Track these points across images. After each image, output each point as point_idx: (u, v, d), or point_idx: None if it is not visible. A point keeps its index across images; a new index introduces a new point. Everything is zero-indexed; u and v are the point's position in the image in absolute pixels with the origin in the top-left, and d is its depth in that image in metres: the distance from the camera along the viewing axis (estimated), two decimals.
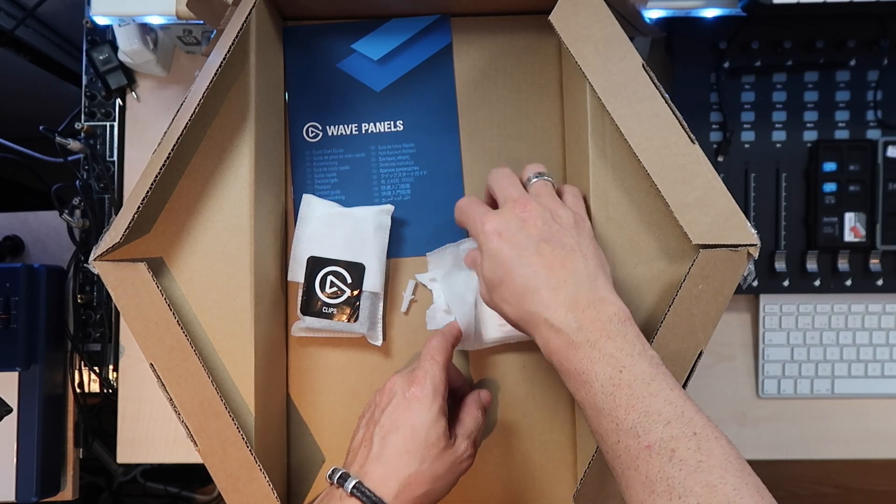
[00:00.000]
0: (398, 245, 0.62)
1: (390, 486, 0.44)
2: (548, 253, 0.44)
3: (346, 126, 0.63)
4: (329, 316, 0.58)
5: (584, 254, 0.44)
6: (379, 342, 0.60)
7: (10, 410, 0.67)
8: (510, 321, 0.46)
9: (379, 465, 0.45)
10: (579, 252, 0.44)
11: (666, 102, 0.47)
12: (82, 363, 0.72)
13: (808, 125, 0.66)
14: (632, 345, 0.40)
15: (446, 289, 0.58)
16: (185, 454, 0.68)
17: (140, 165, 0.61)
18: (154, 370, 0.49)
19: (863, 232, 0.65)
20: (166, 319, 0.49)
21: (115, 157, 0.72)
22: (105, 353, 0.72)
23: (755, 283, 0.67)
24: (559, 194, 0.50)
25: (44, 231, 0.76)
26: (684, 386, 0.47)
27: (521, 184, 0.50)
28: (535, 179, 0.50)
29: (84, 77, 0.72)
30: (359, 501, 0.43)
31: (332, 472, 0.46)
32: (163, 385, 0.50)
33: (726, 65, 0.66)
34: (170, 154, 0.48)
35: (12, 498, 0.68)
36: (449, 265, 0.59)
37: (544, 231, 0.45)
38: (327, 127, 0.63)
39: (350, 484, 0.44)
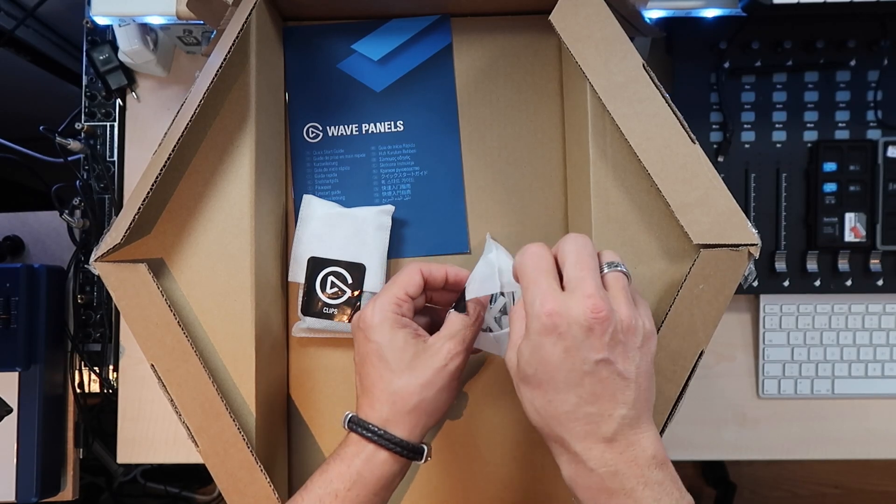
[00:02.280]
0: (399, 245, 0.62)
1: (379, 409, 0.44)
2: (603, 378, 0.38)
3: (346, 126, 0.63)
4: (330, 316, 0.58)
5: (639, 385, 0.39)
6: None
7: (10, 410, 0.67)
8: (529, 418, 0.42)
9: (364, 397, 0.46)
10: (635, 384, 0.39)
11: (666, 102, 0.47)
12: (82, 363, 0.72)
13: (809, 125, 0.66)
14: (669, 494, 0.38)
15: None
16: (186, 454, 0.68)
17: (140, 165, 0.61)
18: (155, 371, 0.49)
19: (863, 232, 0.65)
20: (167, 320, 0.49)
21: (116, 158, 0.72)
22: (105, 354, 0.72)
23: (755, 283, 0.66)
24: None
25: (44, 231, 0.76)
26: (685, 386, 0.47)
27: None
28: (609, 270, 0.42)
29: (84, 77, 0.72)
30: (354, 434, 0.45)
31: (344, 417, 0.47)
32: (164, 386, 0.50)
33: (726, 65, 0.66)
34: (170, 155, 0.48)
35: (12, 498, 0.68)
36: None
37: (609, 348, 0.38)
38: (327, 127, 0.63)
39: (346, 419, 0.46)
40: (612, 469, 0.38)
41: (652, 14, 0.57)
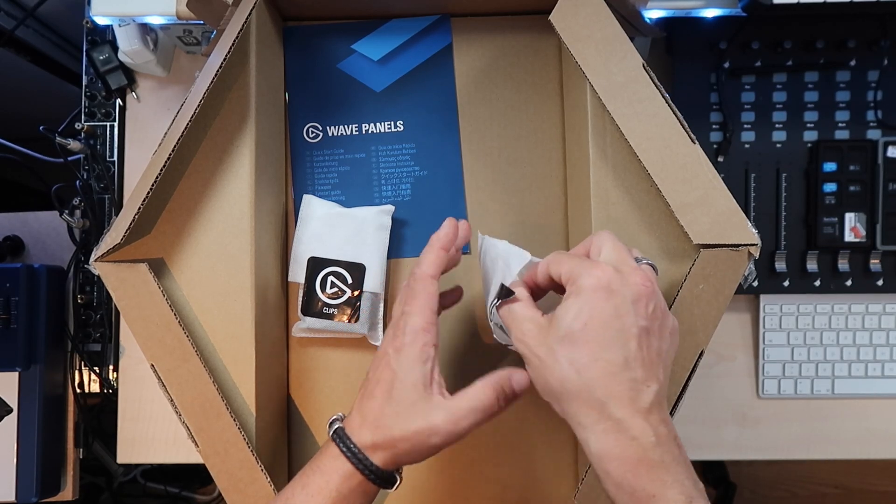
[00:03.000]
0: (399, 245, 0.62)
1: (366, 433, 0.42)
2: (644, 346, 0.38)
3: (346, 126, 0.63)
4: (330, 316, 0.58)
5: (665, 368, 0.40)
6: (379, 342, 0.60)
7: (10, 410, 0.67)
8: (557, 387, 0.39)
9: (359, 414, 0.43)
10: (664, 365, 0.39)
11: (666, 102, 0.47)
12: (82, 363, 0.72)
13: (809, 125, 0.66)
14: (692, 473, 0.38)
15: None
16: (186, 454, 0.68)
17: (140, 165, 0.61)
18: (155, 371, 0.49)
19: (863, 232, 0.65)
20: (167, 320, 0.49)
21: (116, 158, 0.72)
22: (105, 354, 0.72)
23: (755, 283, 0.66)
24: None
25: (44, 231, 0.76)
26: (685, 386, 0.47)
27: None
28: (645, 261, 0.43)
29: (84, 77, 0.72)
30: (336, 448, 0.43)
31: (331, 421, 0.45)
32: (164, 386, 0.50)
33: (726, 65, 0.66)
34: (170, 155, 0.48)
35: (12, 498, 0.68)
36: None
37: (651, 320, 0.39)
38: (327, 127, 0.63)
39: (332, 428, 0.44)
40: (653, 440, 0.37)
41: (652, 14, 0.57)
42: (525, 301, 0.43)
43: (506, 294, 0.44)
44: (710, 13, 0.58)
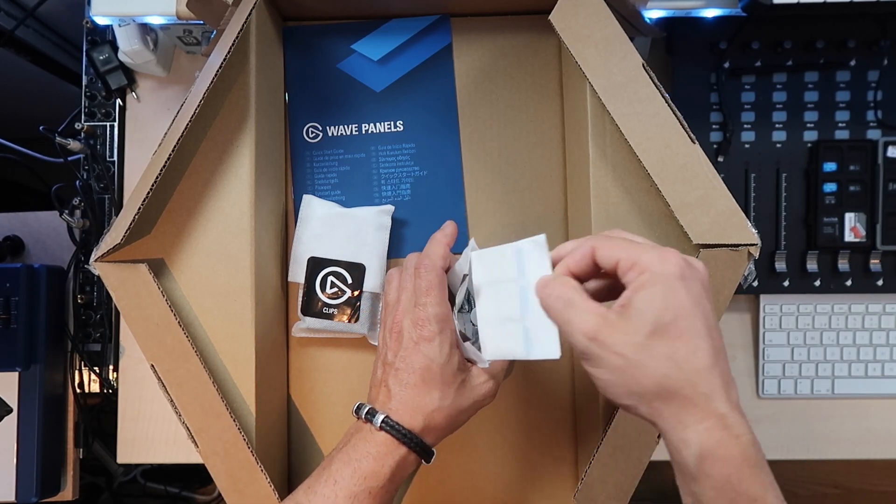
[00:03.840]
0: (399, 245, 0.62)
1: (417, 419, 0.45)
2: (716, 337, 0.36)
3: (346, 126, 0.63)
4: (329, 316, 0.58)
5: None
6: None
7: (10, 410, 0.67)
8: (645, 389, 0.35)
9: (401, 403, 0.45)
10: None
11: (666, 102, 0.47)
12: (82, 363, 0.72)
13: (809, 125, 0.66)
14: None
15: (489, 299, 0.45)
16: (186, 454, 0.68)
17: (140, 165, 0.61)
18: (155, 371, 0.49)
19: (863, 232, 0.65)
20: (167, 320, 0.49)
21: (116, 158, 0.72)
22: (105, 354, 0.72)
23: (755, 283, 0.66)
24: None
25: (44, 231, 0.76)
26: None
27: None
28: None
29: (84, 77, 0.72)
30: (388, 435, 0.44)
31: (359, 407, 0.47)
32: (164, 386, 0.50)
33: (726, 65, 0.66)
34: (170, 155, 0.48)
35: (12, 498, 0.68)
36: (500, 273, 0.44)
37: (713, 316, 0.37)
38: (327, 127, 0.63)
39: (379, 419, 0.45)
40: (751, 437, 0.35)
41: (652, 14, 0.57)
42: (581, 291, 0.38)
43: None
44: (710, 13, 0.58)
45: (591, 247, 0.38)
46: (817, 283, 0.66)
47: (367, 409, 0.46)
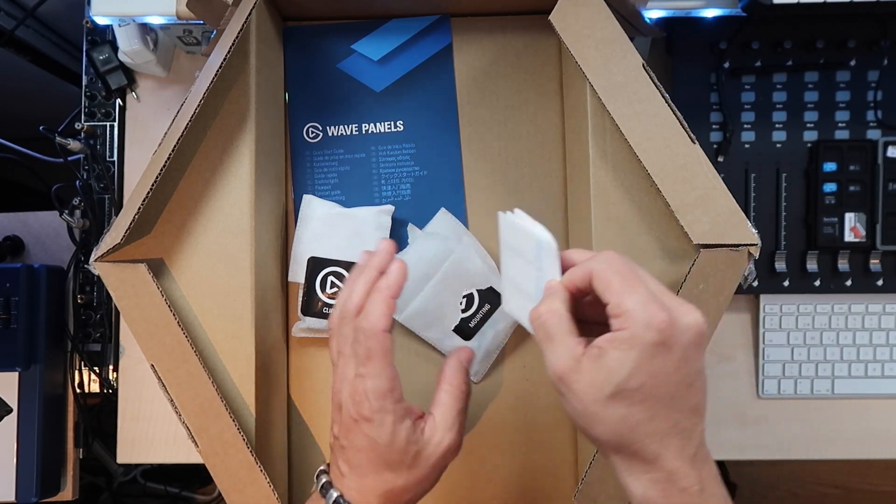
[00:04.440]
0: (398, 245, 0.62)
1: (372, 501, 0.42)
2: (697, 390, 0.36)
3: (346, 126, 0.63)
4: (329, 316, 0.58)
5: (706, 392, 0.38)
6: None
7: (10, 410, 0.67)
8: (604, 438, 0.37)
9: (354, 484, 0.42)
10: (705, 392, 0.38)
11: (666, 102, 0.47)
12: (82, 363, 0.72)
13: (809, 125, 0.66)
14: None
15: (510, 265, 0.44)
16: (186, 454, 0.68)
17: (140, 165, 0.61)
18: (155, 371, 0.49)
19: (863, 232, 0.65)
20: (167, 320, 0.49)
21: (116, 157, 0.72)
22: (105, 354, 0.72)
23: (755, 283, 0.66)
24: None
25: (44, 231, 0.76)
26: None
27: None
28: None
29: (84, 77, 0.72)
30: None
31: (319, 474, 0.45)
32: (164, 386, 0.50)
33: (726, 65, 0.66)
34: (170, 155, 0.48)
35: (12, 498, 0.67)
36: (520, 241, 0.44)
37: (695, 374, 0.36)
38: (327, 127, 0.63)
39: (332, 497, 0.42)
40: (698, 488, 0.36)
41: (652, 14, 0.57)
42: (567, 321, 0.38)
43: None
44: (710, 13, 0.58)
45: (588, 273, 0.38)
46: (817, 283, 0.66)
47: (323, 481, 0.44)
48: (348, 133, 0.63)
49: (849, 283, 0.66)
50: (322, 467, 0.45)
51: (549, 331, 0.38)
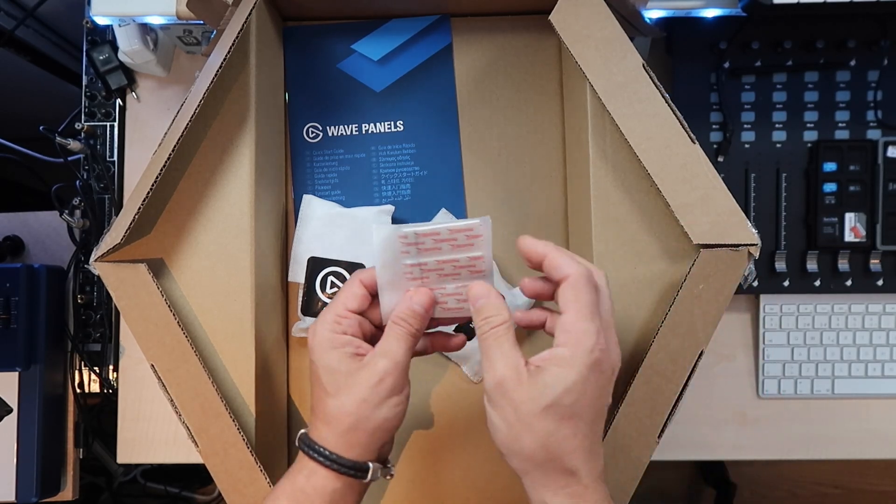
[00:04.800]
0: None
1: (320, 429, 0.43)
2: (604, 414, 0.42)
3: (346, 126, 0.63)
4: None
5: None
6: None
7: (10, 410, 0.67)
8: (517, 450, 0.40)
9: (312, 415, 0.45)
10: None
11: (666, 102, 0.47)
12: (82, 363, 0.72)
13: (809, 125, 0.66)
14: None
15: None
16: (186, 454, 0.68)
17: (140, 165, 0.61)
18: (155, 371, 0.49)
19: (863, 232, 0.65)
20: (167, 320, 0.49)
21: (116, 158, 0.72)
22: (105, 354, 0.72)
23: (755, 283, 0.66)
24: None
25: (44, 231, 0.76)
26: (684, 386, 0.47)
27: None
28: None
29: (84, 77, 0.72)
30: (301, 451, 0.44)
31: (298, 435, 0.46)
32: (164, 386, 0.50)
33: (726, 65, 0.66)
34: (170, 155, 0.48)
35: (12, 498, 0.68)
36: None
37: (609, 397, 0.42)
38: (327, 127, 0.63)
39: (297, 438, 0.45)
40: (607, 502, 0.40)
41: (652, 14, 0.57)
42: (513, 333, 0.41)
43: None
44: (710, 13, 0.58)
45: (546, 254, 0.41)
46: (817, 283, 0.66)
47: (300, 432, 0.46)
48: (348, 133, 0.63)
49: (849, 283, 0.66)
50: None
51: (498, 338, 0.41)
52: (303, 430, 0.45)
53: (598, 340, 0.39)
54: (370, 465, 0.43)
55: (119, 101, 0.72)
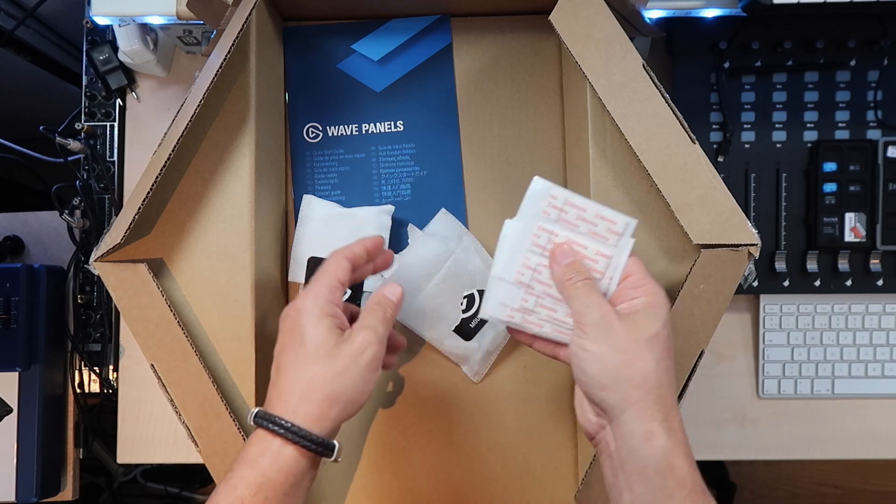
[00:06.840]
0: (399, 245, 0.62)
1: (287, 399, 0.42)
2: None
3: (346, 126, 0.63)
4: None
5: None
6: None
7: (10, 410, 0.67)
8: (628, 377, 0.41)
9: (275, 388, 0.44)
10: None
11: (666, 102, 0.47)
12: (82, 363, 0.72)
13: (809, 125, 0.66)
14: None
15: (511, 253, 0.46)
16: (186, 454, 0.68)
17: (140, 165, 0.61)
18: (155, 371, 0.49)
19: (863, 232, 0.65)
20: (167, 320, 0.49)
21: (116, 158, 0.72)
22: (105, 354, 0.72)
23: (755, 283, 0.66)
24: None
25: (44, 231, 0.76)
26: (684, 386, 0.47)
27: None
28: None
29: (84, 77, 0.72)
30: (260, 430, 0.42)
31: (250, 413, 0.44)
32: (163, 386, 0.50)
33: (726, 65, 0.66)
34: (170, 155, 0.48)
35: (12, 498, 0.68)
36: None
37: None
38: (327, 127, 0.63)
39: (251, 416, 0.43)
40: (686, 437, 0.41)
41: (652, 14, 0.57)
42: (596, 286, 0.44)
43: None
44: (710, 13, 0.58)
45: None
46: (817, 283, 0.66)
47: (252, 411, 0.44)
48: (348, 133, 0.63)
49: (849, 283, 0.66)
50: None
51: (591, 287, 0.44)
52: (257, 408, 0.43)
53: (665, 294, 0.43)
54: (336, 443, 0.43)
55: (119, 101, 0.72)
